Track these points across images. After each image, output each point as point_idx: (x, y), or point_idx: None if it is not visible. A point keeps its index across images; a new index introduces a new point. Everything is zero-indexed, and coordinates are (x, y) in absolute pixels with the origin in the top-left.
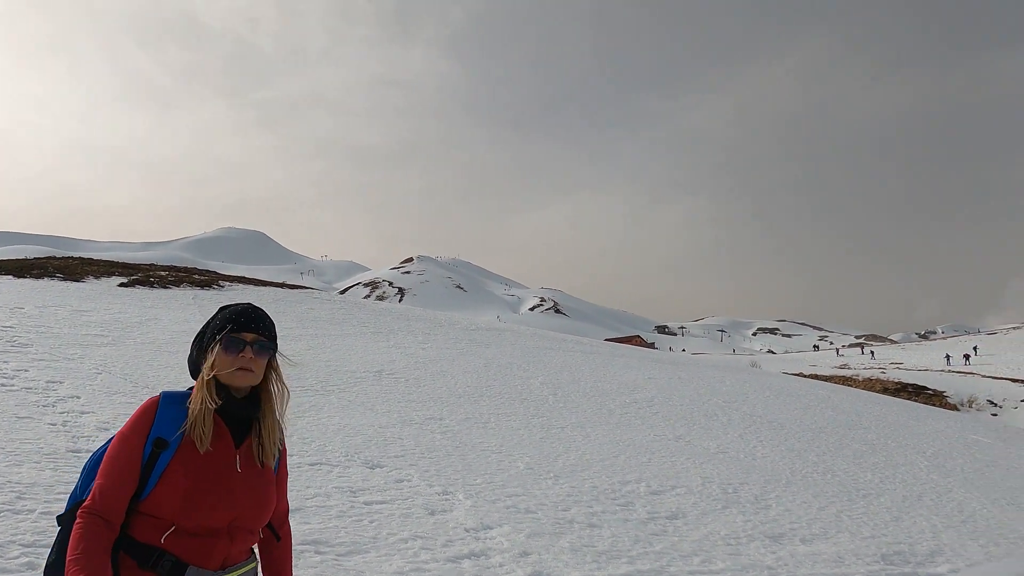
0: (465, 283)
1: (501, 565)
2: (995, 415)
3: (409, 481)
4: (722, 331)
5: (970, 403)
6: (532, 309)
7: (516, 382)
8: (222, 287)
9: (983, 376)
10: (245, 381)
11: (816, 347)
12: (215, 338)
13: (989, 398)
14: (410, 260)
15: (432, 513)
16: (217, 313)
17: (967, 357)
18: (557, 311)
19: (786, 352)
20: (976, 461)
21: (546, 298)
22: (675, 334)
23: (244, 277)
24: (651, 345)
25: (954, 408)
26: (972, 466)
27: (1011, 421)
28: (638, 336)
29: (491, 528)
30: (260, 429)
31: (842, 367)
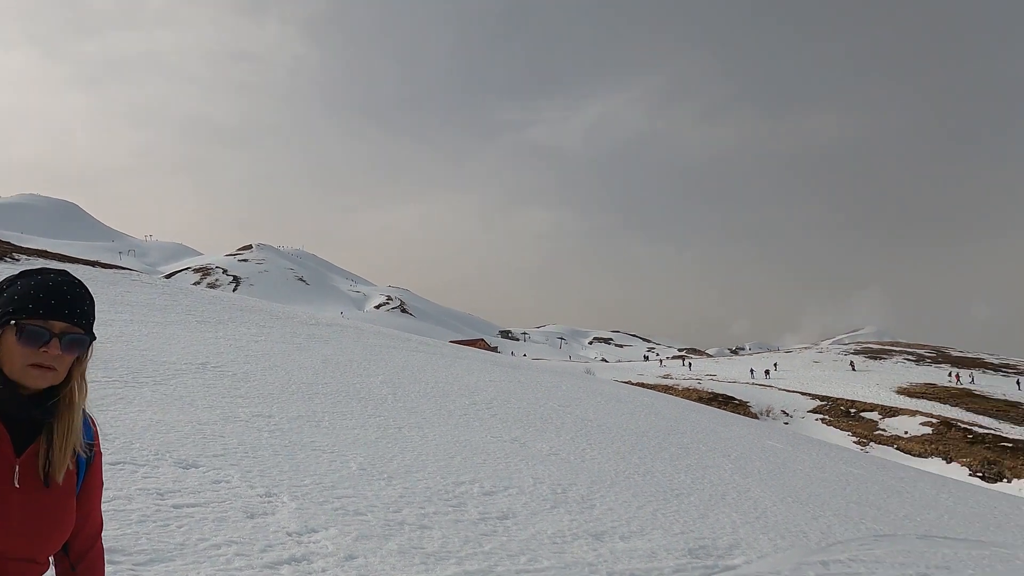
0: (308, 276)
1: (324, 570)
2: (787, 423)
3: (228, 482)
4: (561, 338)
5: (768, 412)
6: (378, 307)
7: (355, 380)
8: (17, 260)
9: (779, 389)
10: (42, 382)
11: (646, 357)
12: (7, 320)
13: (783, 408)
14: (248, 247)
15: (251, 516)
16: (16, 280)
17: (767, 372)
18: (403, 310)
19: (618, 361)
20: (771, 464)
21: (393, 297)
22: (518, 339)
23: (47, 251)
24: (494, 349)
25: (755, 416)
26: (767, 468)
27: (799, 429)
28: (482, 339)
29: (316, 531)
30: (52, 437)
31: (665, 377)
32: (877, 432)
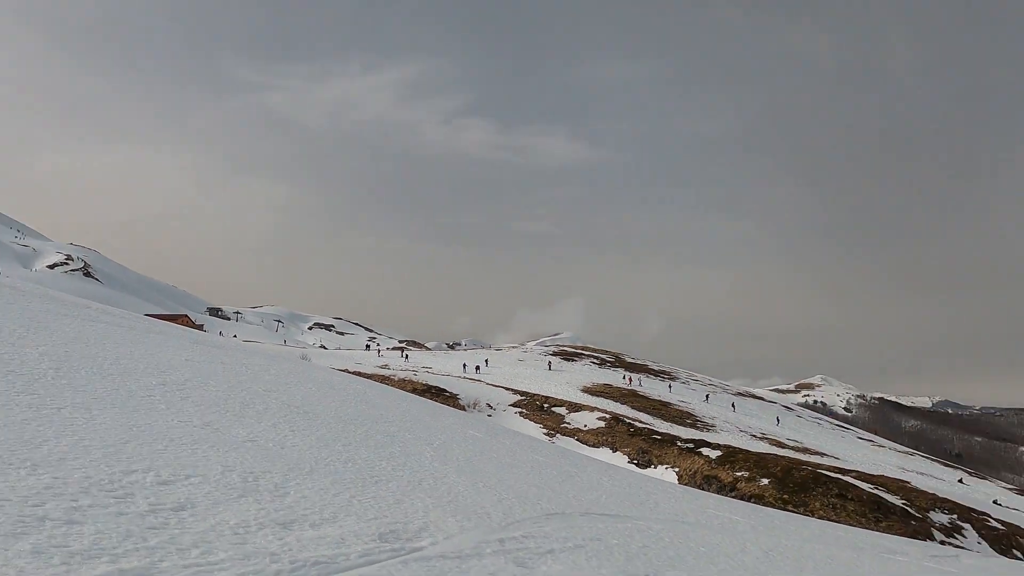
0: None
1: None
2: (491, 416)
3: None
4: (279, 321)
5: (475, 405)
6: (52, 267)
7: (2, 351)
8: None
9: (487, 384)
10: None
11: (367, 347)
12: None
13: (489, 402)
14: None
15: None
16: None
17: (478, 367)
18: (87, 274)
19: (338, 348)
20: (469, 452)
21: (74, 256)
22: (229, 318)
23: None
24: (200, 327)
25: (463, 409)
26: (465, 456)
27: (501, 421)
28: (186, 315)
29: None
30: None
31: (383, 367)
32: (563, 425)
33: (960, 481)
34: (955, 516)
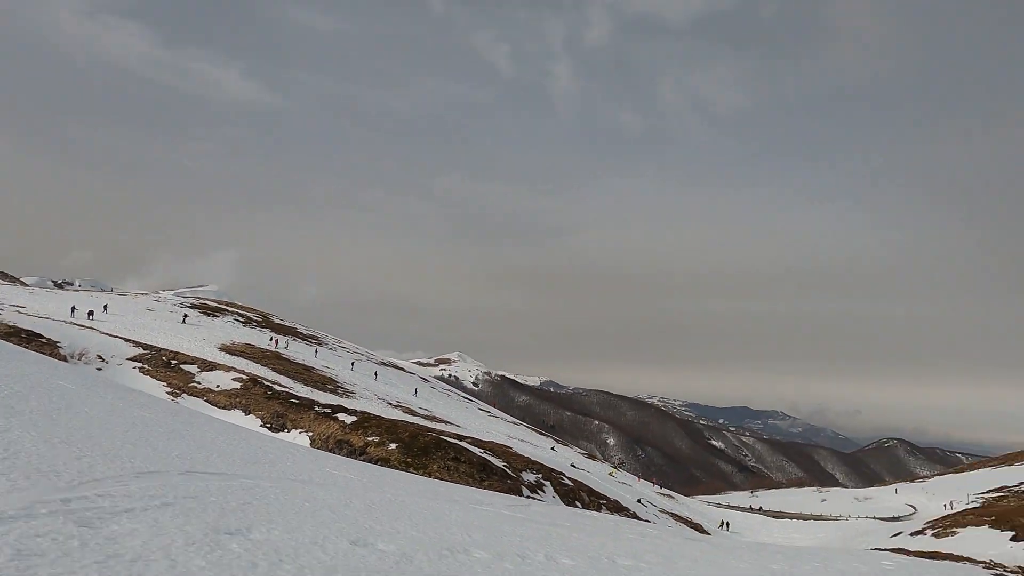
0: None
1: None
2: (100, 369)
3: None
4: None
5: (81, 356)
6: None
7: None
8: None
9: (102, 332)
10: None
11: None
12: None
13: (100, 353)
14: None
15: None
16: None
17: (91, 313)
18: None
19: None
20: (52, 405)
21: None
22: None
23: None
24: None
25: (64, 359)
26: (45, 409)
27: (114, 376)
28: None
29: None
30: None
31: None
32: (192, 384)
33: (552, 448)
34: (540, 475)
